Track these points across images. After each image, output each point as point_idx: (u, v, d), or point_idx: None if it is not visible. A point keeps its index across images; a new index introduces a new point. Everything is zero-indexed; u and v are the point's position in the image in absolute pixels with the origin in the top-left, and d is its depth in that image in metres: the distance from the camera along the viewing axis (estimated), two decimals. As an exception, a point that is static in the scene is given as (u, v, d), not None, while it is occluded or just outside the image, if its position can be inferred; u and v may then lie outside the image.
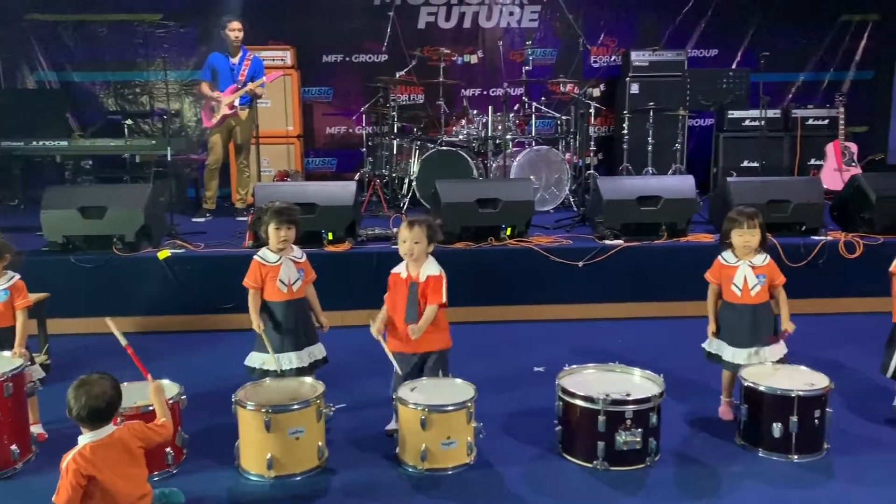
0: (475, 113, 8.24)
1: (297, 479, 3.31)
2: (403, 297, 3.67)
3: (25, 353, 3.68)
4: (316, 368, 3.89)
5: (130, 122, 8.59)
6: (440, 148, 7.66)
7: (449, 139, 7.89)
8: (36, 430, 3.70)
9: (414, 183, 7.57)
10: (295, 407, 3.30)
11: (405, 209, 7.51)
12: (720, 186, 6.36)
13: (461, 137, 8.04)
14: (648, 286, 5.79)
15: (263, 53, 8.28)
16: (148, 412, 3.11)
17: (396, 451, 3.47)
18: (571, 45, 8.96)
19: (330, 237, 5.81)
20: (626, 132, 8.71)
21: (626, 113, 8.81)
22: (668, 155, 8.60)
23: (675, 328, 5.25)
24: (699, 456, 3.51)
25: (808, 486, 3.25)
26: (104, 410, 2.63)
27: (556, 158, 7.78)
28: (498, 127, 7.95)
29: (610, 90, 9.52)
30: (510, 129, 8.01)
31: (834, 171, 8.35)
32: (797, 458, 3.42)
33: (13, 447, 3.41)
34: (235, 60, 7.55)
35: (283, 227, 3.83)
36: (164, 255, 5.60)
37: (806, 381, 3.50)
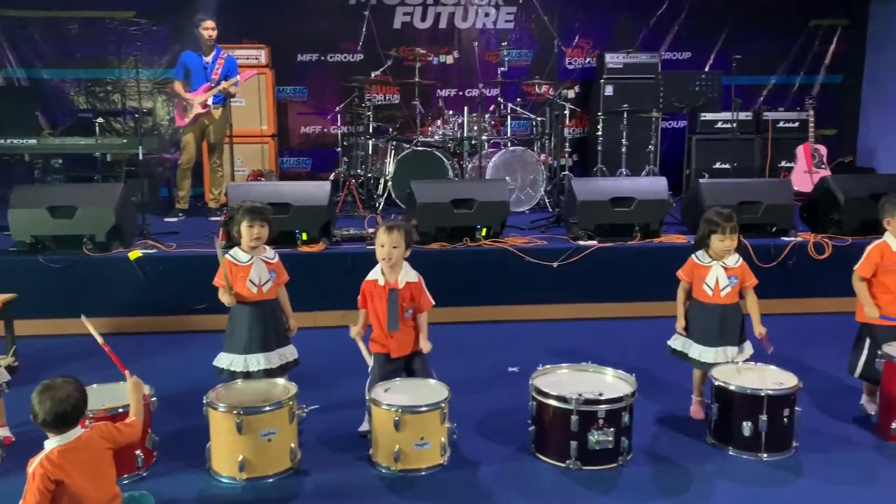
0: (451, 113, 8.25)
1: (269, 480, 3.29)
2: (383, 304, 3.65)
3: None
4: (287, 370, 3.85)
5: (101, 120, 8.43)
6: (416, 148, 7.65)
7: (424, 139, 7.89)
8: (2, 433, 3.64)
9: (389, 183, 7.57)
10: (267, 408, 3.27)
11: (380, 209, 7.49)
12: (692, 188, 6.42)
13: (437, 138, 8.04)
14: (622, 286, 5.84)
15: (237, 52, 8.24)
16: (118, 414, 3.07)
17: (370, 452, 3.46)
18: (547, 46, 9.03)
19: (304, 237, 5.78)
20: (600, 134, 8.77)
21: (600, 114, 8.87)
22: (641, 156, 8.67)
23: (648, 328, 5.26)
24: (671, 455, 3.54)
25: (777, 484, 3.29)
26: (70, 414, 2.57)
27: (531, 159, 7.81)
28: (473, 128, 7.96)
29: (584, 92, 9.59)
30: (486, 129, 8.02)
31: (804, 173, 8.49)
32: (767, 456, 3.46)
33: (-21, 451, 3.36)
34: (209, 59, 7.50)
35: (255, 224, 3.78)
36: (135, 255, 5.54)
37: (775, 380, 3.55)
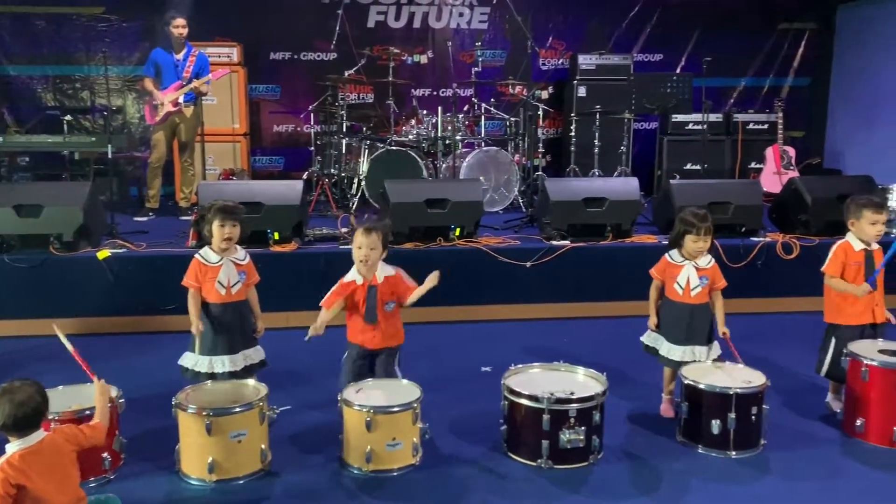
0: (425, 113, 8.25)
1: (239, 482, 3.25)
2: (362, 300, 3.65)
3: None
4: (252, 372, 3.80)
5: (70, 117, 8.34)
6: (389, 148, 7.63)
7: (398, 139, 7.88)
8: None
9: (363, 182, 7.54)
10: (237, 409, 3.24)
11: (354, 209, 7.46)
12: (663, 188, 6.48)
13: (411, 137, 8.03)
14: (594, 286, 5.87)
15: (209, 50, 8.14)
16: (84, 416, 3.02)
17: (341, 453, 3.44)
18: (520, 47, 9.06)
19: (276, 237, 5.73)
20: (573, 134, 8.83)
21: (573, 115, 8.93)
22: (614, 157, 8.74)
23: (619, 327, 5.30)
24: (641, 453, 3.56)
25: (745, 481, 3.33)
26: (31, 417, 2.52)
27: (505, 160, 7.83)
28: (447, 127, 7.96)
29: (558, 92, 9.65)
30: (460, 129, 8.02)
31: (773, 174, 8.61)
32: (735, 454, 3.50)
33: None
34: (180, 56, 7.41)
35: (227, 223, 3.75)
36: (103, 255, 5.46)
37: (744, 378, 3.59)
